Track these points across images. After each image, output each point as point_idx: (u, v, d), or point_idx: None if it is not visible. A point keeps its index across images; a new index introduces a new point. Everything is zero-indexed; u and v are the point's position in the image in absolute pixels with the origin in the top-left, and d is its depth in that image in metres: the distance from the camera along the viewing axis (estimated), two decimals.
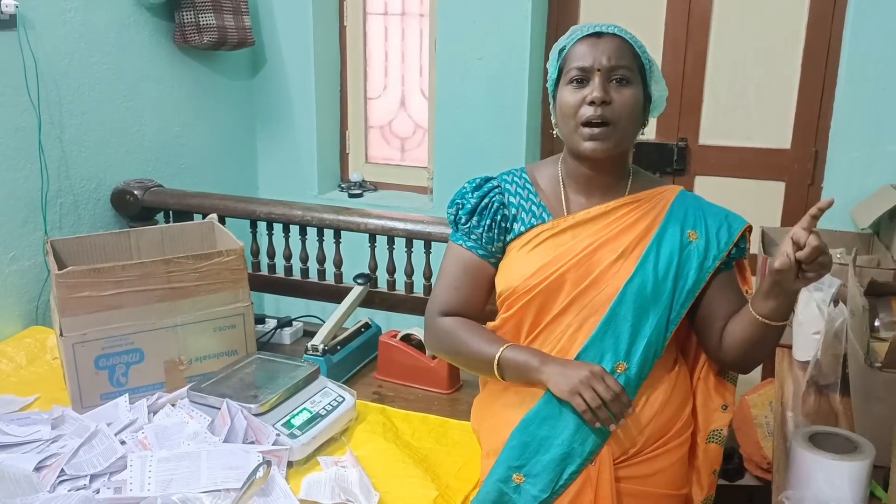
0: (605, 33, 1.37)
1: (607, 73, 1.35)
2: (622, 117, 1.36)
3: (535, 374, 1.37)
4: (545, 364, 1.36)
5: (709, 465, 1.50)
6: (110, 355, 1.84)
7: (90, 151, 2.47)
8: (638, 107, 1.38)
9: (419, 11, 3.12)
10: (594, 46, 1.36)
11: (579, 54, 1.37)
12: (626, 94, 1.36)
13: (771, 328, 1.33)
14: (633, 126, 1.40)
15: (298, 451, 1.62)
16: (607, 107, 1.35)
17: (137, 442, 1.61)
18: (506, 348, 1.40)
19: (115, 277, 1.83)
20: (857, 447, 1.29)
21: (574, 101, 1.36)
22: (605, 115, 1.35)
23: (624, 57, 1.36)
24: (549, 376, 1.35)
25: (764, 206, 2.65)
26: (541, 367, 1.36)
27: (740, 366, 1.46)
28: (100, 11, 2.45)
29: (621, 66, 1.36)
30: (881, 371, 1.37)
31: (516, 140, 2.80)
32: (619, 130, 1.37)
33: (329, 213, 2.38)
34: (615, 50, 1.36)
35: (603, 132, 1.35)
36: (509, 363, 1.40)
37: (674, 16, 2.68)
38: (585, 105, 1.35)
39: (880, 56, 2.28)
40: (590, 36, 1.37)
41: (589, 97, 1.35)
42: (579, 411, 1.32)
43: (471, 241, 1.49)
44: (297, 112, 3.15)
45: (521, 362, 1.39)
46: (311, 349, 2.02)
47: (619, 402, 1.31)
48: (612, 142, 1.37)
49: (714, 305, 1.42)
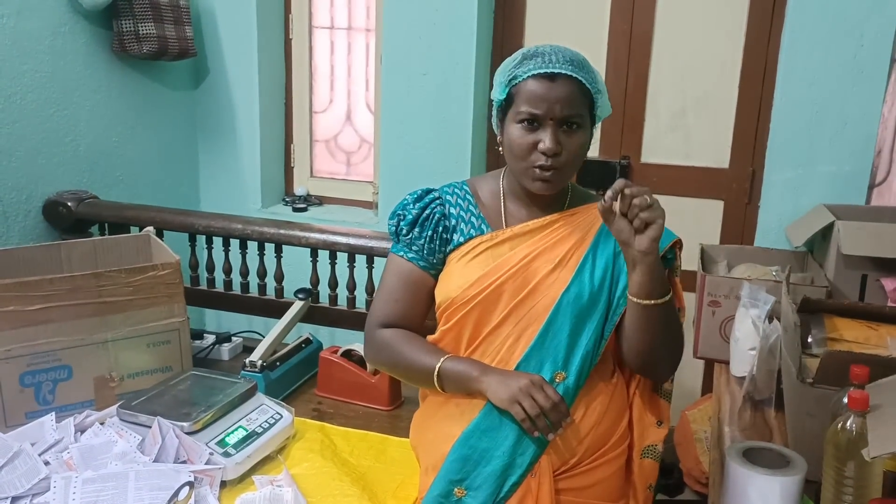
0: (560, 75, 1.34)
1: (559, 122, 1.35)
2: (569, 163, 1.38)
3: (475, 383, 1.36)
4: (485, 374, 1.36)
5: (644, 480, 1.51)
6: (36, 372, 1.78)
7: (20, 161, 2.38)
8: (585, 147, 1.41)
9: (365, 26, 3.10)
10: (548, 91, 1.34)
11: (532, 97, 1.35)
12: (576, 139, 1.37)
13: (647, 309, 1.34)
14: (579, 164, 1.42)
15: (232, 471, 1.59)
16: (558, 156, 1.36)
17: (62, 462, 1.55)
18: (445, 359, 1.40)
19: (42, 291, 1.77)
20: (790, 462, 1.31)
21: (525, 144, 1.37)
22: (556, 164, 1.36)
23: (576, 104, 1.36)
24: (489, 386, 1.35)
25: (703, 224, 2.70)
26: (480, 376, 1.36)
27: (643, 368, 1.47)
28: (33, 18, 2.38)
29: (574, 115, 1.36)
30: (813, 387, 1.39)
31: (461, 155, 2.80)
32: (567, 173, 1.40)
33: (270, 227, 2.34)
34: (568, 97, 1.34)
35: (553, 175, 1.38)
36: (449, 374, 1.39)
37: (616, 37, 2.71)
38: (537, 152, 1.36)
39: (813, 79, 2.34)
40: (543, 76, 1.34)
41: (541, 146, 1.35)
42: (518, 420, 1.32)
43: (412, 253, 1.49)
44: (240, 124, 3.10)
45: (461, 372, 1.38)
46: (248, 365, 1.98)
47: (558, 410, 1.32)
48: (559, 183, 1.40)
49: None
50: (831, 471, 1.19)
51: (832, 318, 1.65)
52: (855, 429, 1.14)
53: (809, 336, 1.70)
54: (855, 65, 2.29)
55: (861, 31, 2.27)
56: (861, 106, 2.31)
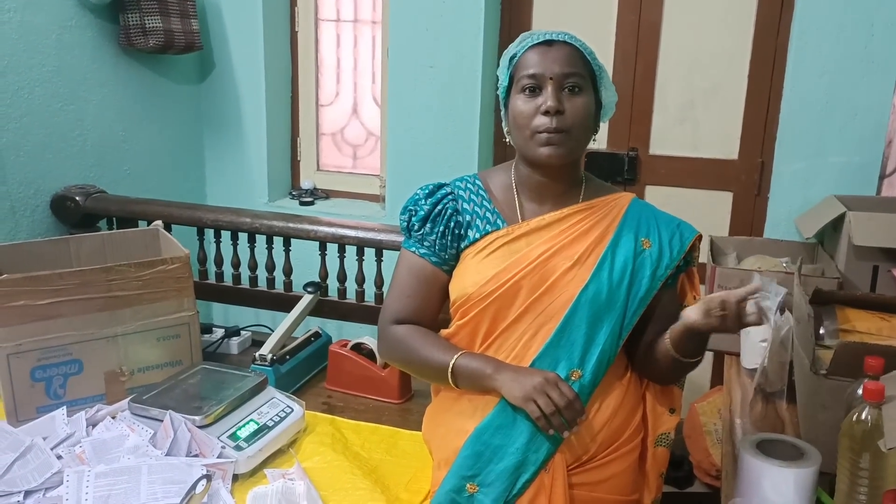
0: (556, 41, 1.37)
1: (559, 81, 1.35)
2: (576, 125, 1.36)
3: (489, 381, 1.36)
4: (499, 371, 1.35)
5: (657, 469, 1.51)
6: (47, 366, 1.78)
7: (28, 156, 2.39)
8: (590, 114, 1.39)
9: (372, 18, 3.09)
10: (545, 55, 1.36)
11: (530, 62, 1.37)
12: (579, 102, 1.36)
13: (679, 361, 1.39)
14: (586, 133, 1.41)
15: (244, 464, 1.58)
16: (561, 116, 1.35)
17: (74, 456, 1.55)
18: (459, 356, 1.39)
19: (52, 286, 1.77)
20: (804, 454, 1.30)
21: (528, 110, 1.36)
22: (560, 125, 1.35)
23: (575, 64, 1.37)
24: (503, 383, 1.34)
25: (712, 216, 2.69)
26: (494, 374, 1.35)
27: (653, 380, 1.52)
28: (40, 13, 2.38)
29: (573, 74, 1.36)
30: (826, 378, 1.38)
31: (468, 148, 2.80)
32: (573, 138, 1.37)
33: (278, 221, 2.34)
34: (566, 58, 1.36)
35: (558, 138, 1.35)
36: (463, 371, 1.38)
37: (624, 27, 2.70)
38: (540, 115, 1.35)
39: (824, 69, 2.32)
40: (540, 44, 1.37)
41: (543, 107, 1.34)
42: (533, 418, 1.32)
43: (424, 249, 1.47)
44: (246, 118, 3.10)
45: (475, 369, 1.37)
46: (258, 359, 1.98)
47: (573, 408, 1.31)
48: (566, 148, 1.37)
49: (649, 320, 1.44)
50: (846, 462, 1.18)
51: (844, 310, 1.64)
52: (870, 420, 1.14)
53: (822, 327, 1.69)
54: (865, 55, 2.28)
55: (871, 21, 2.25)
56: (871, 96, 2.29)
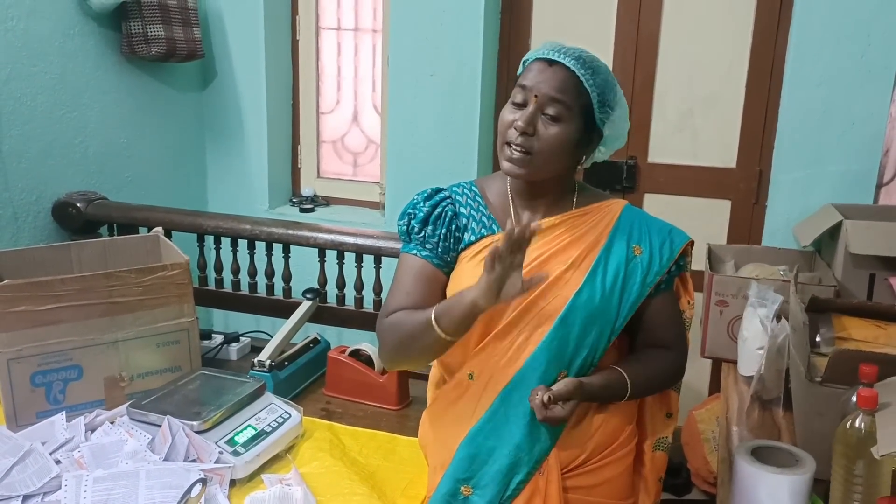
0: (557, 62, 1.35)
1: (542, 104, 1.34)
2: (542, 152, 1.36)
3: (465, 299, 1.30)
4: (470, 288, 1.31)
5: (655, 473, 1.52)
6: (47, 372, 1.78)
7: (31, 163, 2.40)
8: (564, 145, 1.37)
9: (372, 27, 3.11)
10: (542, 72, 1.36)
11: (528, 74, 1.37)
12: (553, 131, 1.35)
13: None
14: (557, 161, 1.39)
15: (242, 469, 1.59)
16: (529, 137, 1.35)
17: (73, 461, 1.56)
18: (438, 304, 1.36)
19: (53, 291, 1.78)
20: (799, 461, 1.30)
21: (507, 120, 1.38)
22: (524, 146, 1.35)
23: (566, 92, 1.34)
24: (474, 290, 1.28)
25: (710, 224, 2.69)
26: (466, 292, 1.31)
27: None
28: (43, 20, 2.40)
29: (557, 102, 1.34)
30: (821, 385, 1.39)
31: (468, 156, 2.81)
32: (535, 162, 1.36)
33: (278, 228, 2.35)
34: (559, 83, 1.34)
35: (520, 158, 1.36)
36: (442, 309, 1.33)
37: (623, 38, 2.71)
38: (512, 129, 1.36)
39: (821, 78, 2.33)
40: (545, 59, 1.37)
41: (517, 123, 1.35)
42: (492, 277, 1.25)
43: (426, 251, 1.47)
44: (248, 126, 3.11)
45: (452, 300, 1.34)
46: (257, 365, 1.98)
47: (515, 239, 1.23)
48: (527, 170, 1.38)
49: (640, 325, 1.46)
50: (840, 469, 1.18)
51: (840, 318, 1.65)
52: (864, 427, 1.14)
53: (818, 335, 1.69)
54: (863, 64, 2.29)
55: (868, 31, 2.26)
56: (868, 105, 2.30)
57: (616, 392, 1.41)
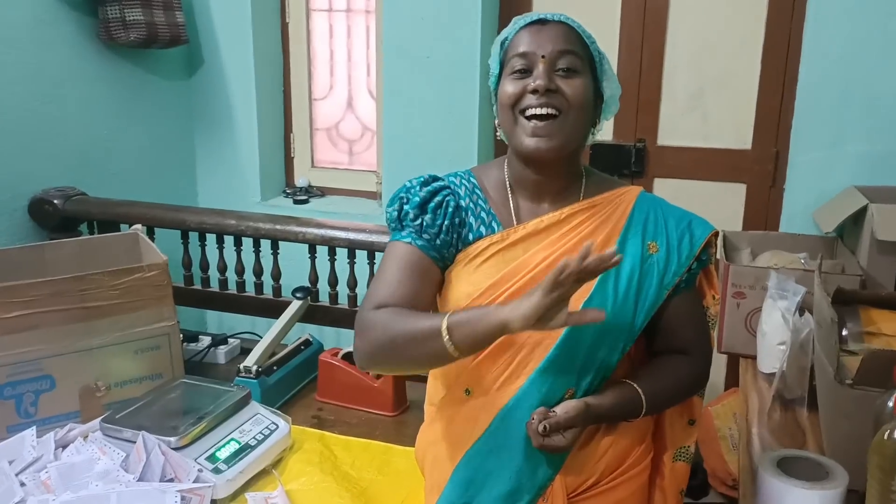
0: (550, 20, 1.25)
1: (553, 60, 1.22)
2: (572, 108, 1.22)
3: (492, 316, 1.11)
4: (499, 307, 1.13)
5: (676, 485, 1.39)
6: (17, 383, 1.69)
7: (5, 157, 2.29)
8: (589, 99, 1.25)
9: (365, 8, 2.99)
10: (538, 34, 1.24)
11: (521, 42, 1.24)
12: (576, 83, 1.22)
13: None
14: (584, 121, 1.26)
15: (223, 488, 1.49)
16: (553, 95, 1.21)
17: (39, 483, 1.46)
18: (452, 312, 1.17)
19: (22, 297, 1.68)
20: (829, 473, 1.21)
21: (514, 90, 1.23)
22: (552, 104, 1.21)
23: (572, 44, 1.24)
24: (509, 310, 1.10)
25: (725, 209, 2.59)
26: (495, 309, 1.12)
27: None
28: (15, 7, 2.28)
29: (569, 53, 1.22)
30: (852, 388, 1.28)
31: (468, 142, 2.70)
32: (568, 124, 1.22)
33: (265, 223, 2.24)
34: (562, 36, 1.23)
35: (549, 126, 1.21)
36: (460, 320, 1.14)
37: (629, 13, 2.59)
38: (528, 95, 1.22)
39: (841, 54, 2.22)
40: (534, 23, 1.25)
41: (532, 85, 1.21)
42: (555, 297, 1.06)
43: (421, 241, 1.28)
44: (237, 114, 3.00)
45: (475, 313, 1.14)
46: (243, 371, 1.88)
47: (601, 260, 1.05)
48: (559, 139, 1.22)
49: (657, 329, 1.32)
50: (876, 483, 1.08)
51: (868, 310, 1.55)
52: None
53: (844, 329, 1.60)
54: (885, 38, 2.18)
55: (891, 1, 2.15)
56: (892, 81, 2.19)
57: (629, 411, 1.27)
